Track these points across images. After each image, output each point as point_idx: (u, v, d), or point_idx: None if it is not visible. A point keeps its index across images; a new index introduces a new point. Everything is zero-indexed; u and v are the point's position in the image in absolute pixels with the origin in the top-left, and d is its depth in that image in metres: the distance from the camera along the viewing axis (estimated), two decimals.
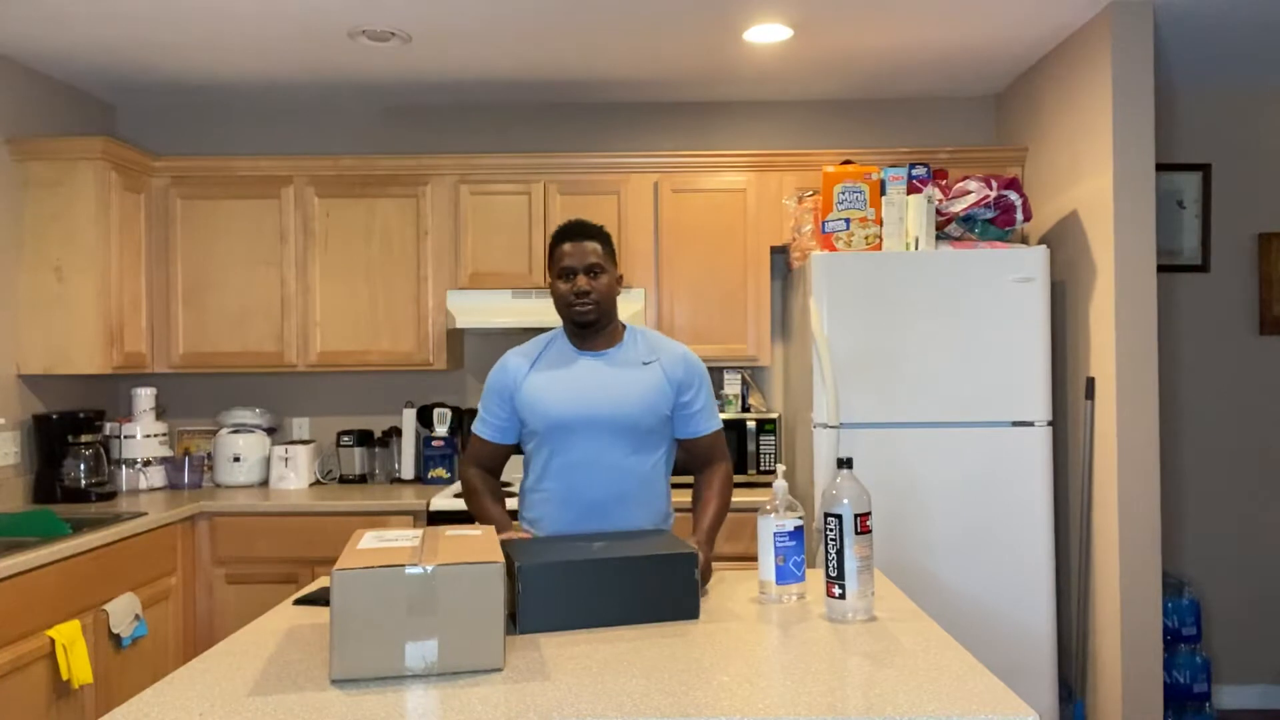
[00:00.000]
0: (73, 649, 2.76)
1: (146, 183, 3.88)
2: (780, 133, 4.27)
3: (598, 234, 2.31)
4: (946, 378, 3.24)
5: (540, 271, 3.88)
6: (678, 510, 2.52)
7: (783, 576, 2.01)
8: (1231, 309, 4.12)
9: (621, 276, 2.38)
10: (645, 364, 2.31)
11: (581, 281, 2.24)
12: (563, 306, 2.29)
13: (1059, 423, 3.55)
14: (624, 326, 2.38)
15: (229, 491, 3.89)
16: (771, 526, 1.99)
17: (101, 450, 3.73)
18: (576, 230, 2.30)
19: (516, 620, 1.83)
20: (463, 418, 4.11)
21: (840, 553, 1.86)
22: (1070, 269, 3.51)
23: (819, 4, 3.18)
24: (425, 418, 4.09)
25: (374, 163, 3.91)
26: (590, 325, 2.28)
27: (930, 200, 3.27)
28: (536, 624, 1.82)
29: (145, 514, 3.31)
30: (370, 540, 1.76)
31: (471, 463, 2.40)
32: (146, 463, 3.89)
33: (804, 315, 3.43)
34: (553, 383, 2.28)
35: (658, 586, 1.87)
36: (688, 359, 2.35)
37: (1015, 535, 3.22)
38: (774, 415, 3.85)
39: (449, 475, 4.06)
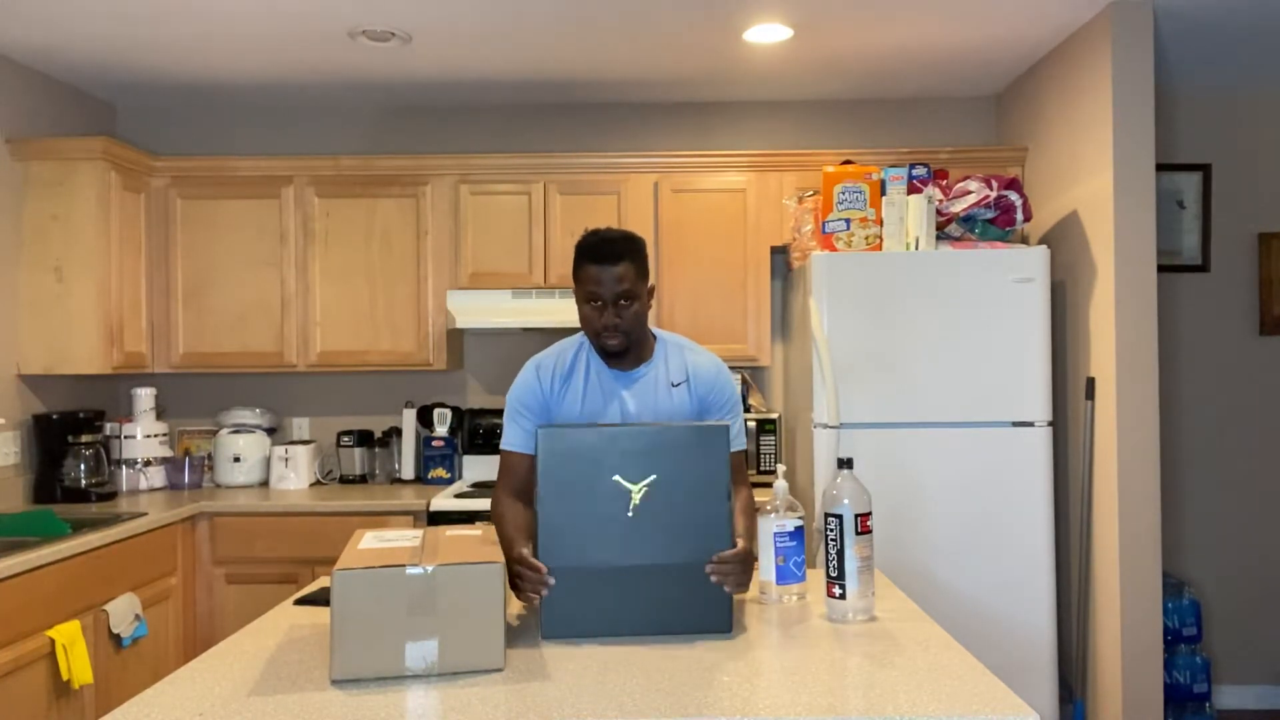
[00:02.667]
0: (73, 649, 2.76)
1: (146, 183, 3.87)
2: (780, 133, 4.27)
3: (627, 251, 2.08)
4: (947, 378, 3.24)
5: (540, 271, 3.88)
6: None
7: (783, 577, 2.01)
8: (1231, 309, 4.11)
9: (653, 288, 2.17)
10: (674, 386, 2.18)
11: (610, 316, 2.07)
12: (590, 332, 2.13)
13: (1059, 423, 3.55)
14: (655, 338, 2.22)
15: (229, 492, 3.89)
16: (772, 527, 1.99)
17: (102, 450, 3.73)
18: (604, 251, 2.07)
19: (541, 626, 1.79)
20: (463, 418, 4.11)
21: (841, 553, 1.87)
22: (1070, 269, 3.51)
23: (819, 4, 3.18)
24: (425, 418, 4.09)
25: (374, 163, 3.91)
26: (615, 356, 2.15)
27: (930, 200, 3.27)
28: (561, 630, 1.77)
29: (145, 514, 3.31)
30: (370, 540, 1.76)
31: (504, 490, 2.17)
32: (147, 463, 3.89)
33: (804, 315, 3.43)
34: (581, 403, 2.17)
35: (688, 597, 1.78)
36: (718, 381, 2.20)
37: (1015, 535, 3.22)
38: (774, 415, 3.85)
39: (449, 475, 4.06)
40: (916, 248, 3.26)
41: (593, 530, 1.79)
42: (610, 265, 2.06)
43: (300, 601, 2.10)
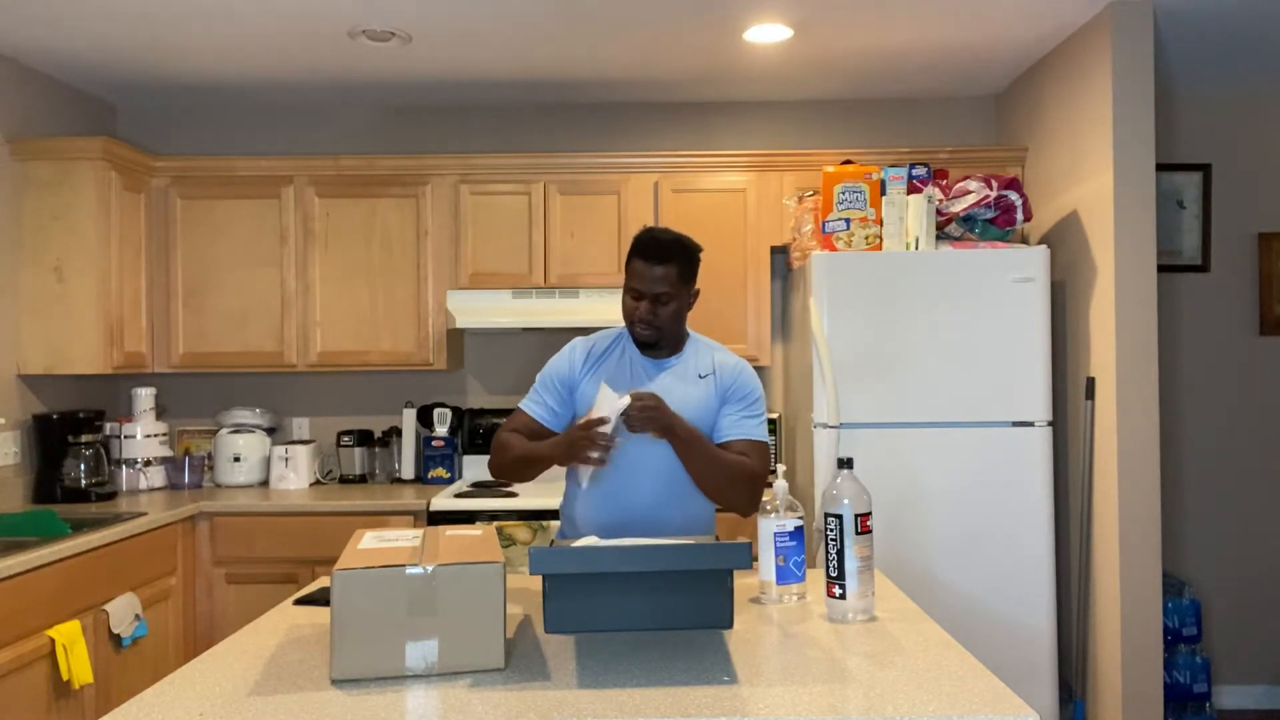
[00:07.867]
0: (73, 649, 2.76)
1: (146, 183, 3.87)
2: (780, 133, 4.27)
3: (675, 255, 2.20)
4: (947, 378, 3.24)
5: (540, 271, 3.88)
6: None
7: (783, 576, 2.01)
8: (1231, 309, 4.11)
9: (698, 292, 2.30)
10: (701, 377, 2.27)
11: (645, 309, 2.20)
12: (626, 319, 2.25)
13: (1059, 423, 3.55)
14: (687, 334, 2.34)
15: (229, 491, 3.89)
16: (772, 526, 1.99)
17: (101, 450, 3.73)
18: (653, 251, 2.19)
19: (544, 619, 1.79)
20: (463, 417, 4.11)
21: (840, 553, 1.87)
22: (1070, 269, 3.51)
23: (819, 4, 3.18)
24: (425, 418, 4.09)
25: (374, 163, 3.91)
26: (648, 347, 2.27)
27: (930, 200, 3.27)
28: (563, 625, 1.77)
29: (145, 514, 3.31)
30: (370, 540, 1.76)
31: (509, 431, 2.28)
32: (147, 463, 3.89)
33: (804, 315, 3.43)
34: (609, 383, 2.21)
35: (689, 593, 1.78)
36: (740, 376, 2.29)
37: (1015, 535, 3.22)
38: (774, 415, 3.85)
39: (449, 475, 4.06)
40: (916, 248, 3.26)
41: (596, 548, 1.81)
42: (655, 265, 2.19)
43: (300, 601, 2.10)
